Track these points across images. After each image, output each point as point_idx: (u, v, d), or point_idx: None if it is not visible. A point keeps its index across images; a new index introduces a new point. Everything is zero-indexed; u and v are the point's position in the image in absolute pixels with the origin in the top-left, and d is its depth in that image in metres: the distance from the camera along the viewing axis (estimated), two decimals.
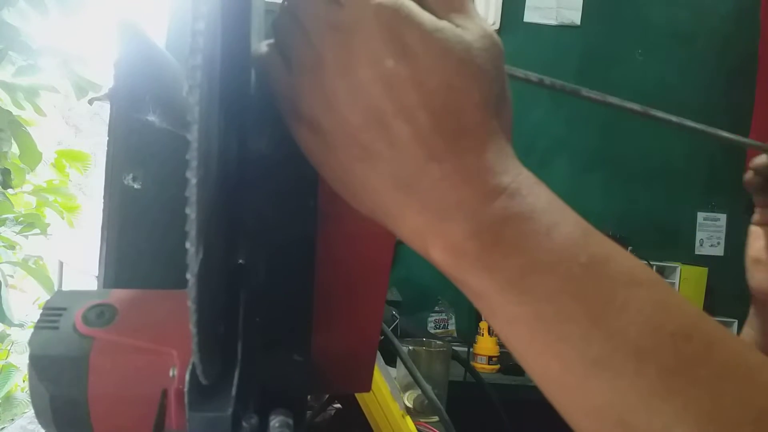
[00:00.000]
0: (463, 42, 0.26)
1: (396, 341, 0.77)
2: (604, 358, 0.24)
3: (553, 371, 0.25)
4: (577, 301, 0.24)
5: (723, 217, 2.13)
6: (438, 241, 0.25)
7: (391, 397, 0.72)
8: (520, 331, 0.25)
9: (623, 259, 0.25)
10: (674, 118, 0.39)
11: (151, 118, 0.34)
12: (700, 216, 2.13)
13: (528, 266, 0.25)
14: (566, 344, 0.24)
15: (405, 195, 0.26)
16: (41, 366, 0.27)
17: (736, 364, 0.24)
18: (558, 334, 0.24)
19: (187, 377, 0.25)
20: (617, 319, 0.24)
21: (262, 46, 0.29)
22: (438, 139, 0.25)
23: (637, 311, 0.24)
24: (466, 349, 1.57)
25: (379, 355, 0.72)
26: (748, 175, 0.63)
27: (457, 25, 0.26)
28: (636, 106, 0.38)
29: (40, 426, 0.28)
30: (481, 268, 0.25)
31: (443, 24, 0.26)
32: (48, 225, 2.02)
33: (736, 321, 1.76)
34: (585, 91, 0.37)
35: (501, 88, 0.27)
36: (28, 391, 0.28)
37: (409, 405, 0.92)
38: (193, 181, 0.20)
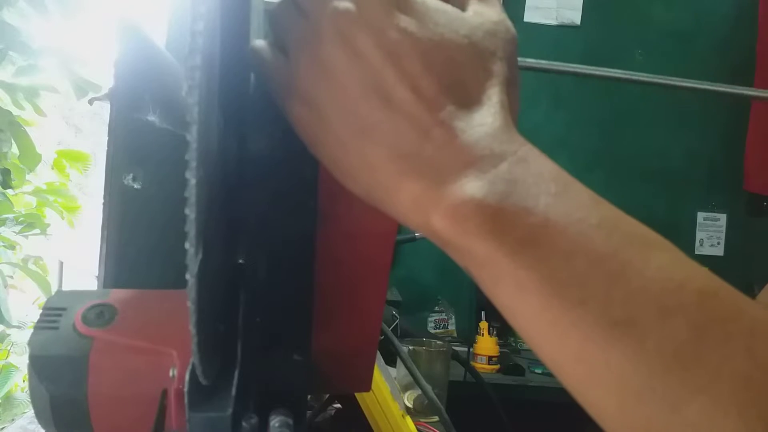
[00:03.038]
0: (466, 24, 0.26)
1: (396, 341, 0.77)
2: (627, 320, 0.22)
3: (570, 341, 0.22)
4: (592, 262, 0.22)
5: (723, 217, 2.13)
6: (440, 206, 0.24)
7: (391, 397, 0.72)
8: (531, 300, 0.23)
9: (634, 223, 0.24)
10: (689, 83, 0.39)
11: (151, 118, 0.34)
12: (700, 216, 2.13)
13: (538, 228, 0.23)
14: (584, 308, 0.22)
15: (405, 164, 0.25)
16: (41, 366, 0.27)
17: (765, 319, 0.22)
18: (574, 298, 0.22)
19: (187, 377, 0.25)
20: (638, 278, 0.22)
21: (256, 41, 0.29)
22: (442, 105, 0.25)
23: (657, 269, 0.22)
24: (466, 349, 1.57)
25: (379, 355, 0.72)
26: None
27: (475, 12, 0.27)
28: (644, 76, 0.38)
29: (40, 426, 0.28)
30: (488, 232, 0.23)
31: (448, 6, 0.26)
32: (48, 225, 2.02)
33: None
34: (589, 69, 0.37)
35: (510, 72, 0.27)
36: (28, 391, 0.28)
37: (409, 405, 0.92)
38: (193, 181, 0.20)
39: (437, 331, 1.97)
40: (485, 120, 0.25)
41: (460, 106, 0.25)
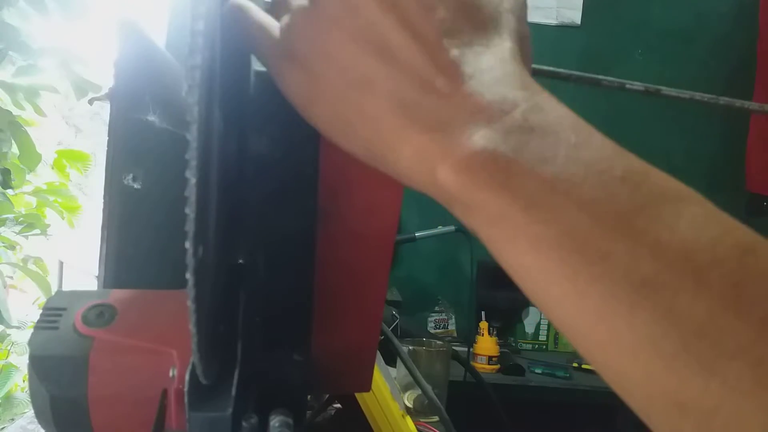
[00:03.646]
0: None
1: (396, 341, 0.77)
2: (656, 277, 0.19)
3: (590, 300, 0.20)
4: (617, 216, 0.20)
5: None
6: (447, 158, 0.22)
7: (391, 397, 0.72)
8: (548, 256, 0.21)
9: (663, 176, 0.22)
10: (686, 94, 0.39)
11: (151, 118, 0.34)
12: None
13: (557, 178, 0.21)
14: (607, 263, 0.20)
15: (407, 115, 0.23)
16: (41, 366, 0.27)
17: None
18: (596, 252, 0.20)
19: (187, 377, 0.25)
20: (668, 233, 0.20)
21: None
22: (446, 50, 0.23)
23: (690, 224, 0.20)
24: (466, 349, 1.57)
25: (379, 355, 0.72)
26: None
27: None
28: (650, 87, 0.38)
29: (40, 426, 0.28)
30: (501, 185, 0.21)
31: None
32: (48, 225, 2.02)
33: None
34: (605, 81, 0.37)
35: (519, 25, 0.26)
36: (28, 391, 0.28)
37: (409, 405, 0.92)
38: (193, 180, 0.20)
39: (437, 331, 1.97)
40: (494, 65, 0.23)
41: (465, 51, 0.23)
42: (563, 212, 0.21)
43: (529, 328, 2.03)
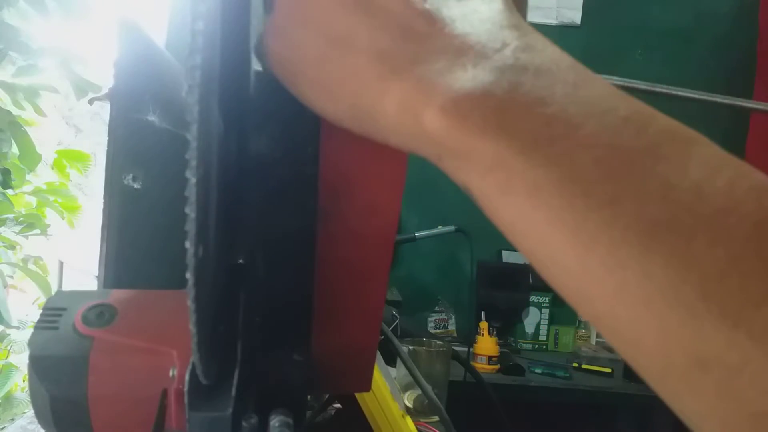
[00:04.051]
0: None
1: (396, 341, 0.77)
2: (670, 220, 0.17)
3: (598, 249, 0.18)
4: (624, 157, 0.18)
5: None
6: (433, 101, 0.20)
7: (391, 397, 0.72)
8: (549, 203, 0.19)
9: (668, 119, 0.20)
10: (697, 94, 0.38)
11: (151, 118, 0.34)
12: None
13: (556, 119, 0.19)
14: (615, 207, 0.18)
15: (388, 63, 0.22)
16: (41, 366, 0.27)
17: None
18: (603, 196, 0.18)
19: (187, 377, 0.25)
20: (679, 174, 0.18)
21: None
22: (416, 4, 0.22)
23: (702, 165, 0.18)
24: (466, 349, 1.57)
25: (379, 355, 0.72)
26: None
27: None
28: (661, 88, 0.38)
29: (40, 426, 0.28)
30: (495, 127, 0.19)
31: None
32: (48, 225, 2.02)
33: None
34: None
35: None
36: (28, 391, 0.28)
37: (409, 405, 0.92)
38: (193, 180, 0.20)
39: (437, 331, 1.97)
40: (479, 6, 0.22)
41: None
42: (564, 155, 0.19)
43: (529, 328, 2.03)
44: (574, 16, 2.08)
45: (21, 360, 2.03)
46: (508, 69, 0.20)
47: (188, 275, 0.20)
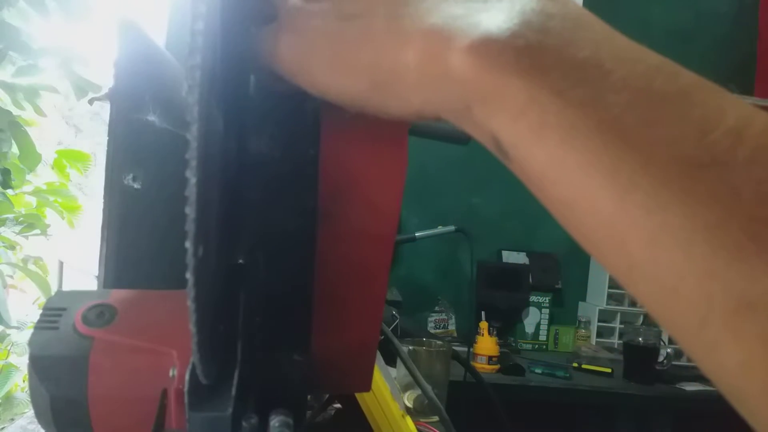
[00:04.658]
0: None
1: (396, 341, 0.77)
2: (712, 161, 0.17)
3: (637, 191, 0.17)
4: (660, 100, 0.18)
5: None
6: (462, 41, 0.20)
7: (391, 397, 0.72)
8: (586, 146, 0.18)
9: (695, 74, 0.20)
10: None
11: (151, 118, 0.34)
12: None
13: (588, 62, 0.19)
14: (655, 148, 0.17)
15: (408, 18, 0.21)
16: (41, 366, 0.27)
17: None
18: (641, 138, 0.18)
19: (187, 377, 0.25)
20: (717, 118, 0.18)
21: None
22: None
23: (736, 111, 0.18)
24: (466, 349, 1.57)
25: (379, 355, 0.72)
26: None
27: None
28: None
29: (40, 426, 0.28)
30: (527, 67, 0.19)
31: None
32: (48, 225, 2.02)
33: None
34: None
35: None
36: (28, 391, 0.28)
37: (409, 405, 0.92)
38: (193, 180, 0.20)
39: (437, 331, 1.97)
40: None
41: None
42: (599, 97, 0.18)
43: (529, 328, 2.03)
44: None
45: (21, 360, 2.03)
46: (535, 13, 0.20)
47: (188, 275, 0.20)
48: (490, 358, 1.69)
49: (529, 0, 0.20)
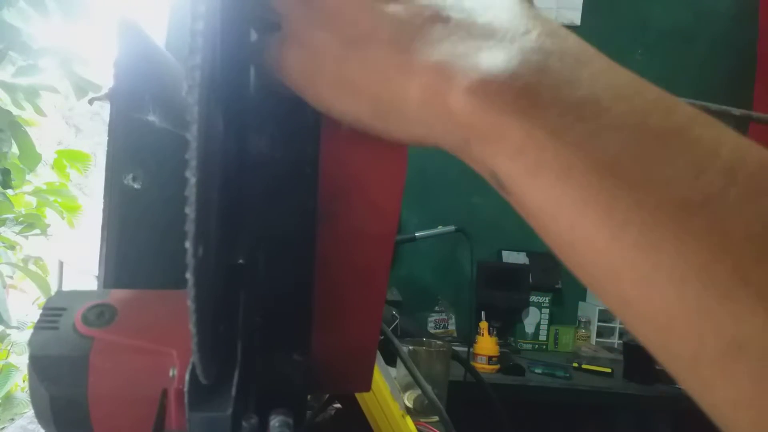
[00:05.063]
0: None
1: (396, 341, 0.77)
2: (703, 200, 0.17)
3: (630, 229, 0.17)
4: (655, 137, 0.18)
5: None
6: (461, 81, 0.20)
7: (391, 397, 0.72)
8: (581, 184, 0.18)
9: (692, 107, 0.20)
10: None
11: (151, 118, 0.34)
12: None
13: (585, 101, 0.19)
14: (648, 187, 0.18)
15: (412, 51, 0.22)
16: (41, 366, 0.27)
17: None
18: (635, 176, 0.18)
19: (187, 377, 0.25)
20: (711, 156, 0.18)
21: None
22: None
23: (732, 147, 0.18)
24: (466, 349, 1.57)
25: (379, 355, 0.72)
26: None
27: None
28: None
29: (40, 426, 0.28)
30: (525, 107, 0.19)
31: None
32: (48, 225, 2.02)
33: None
34: None
35: None
36: (28, 391, 0.28)
37: (409, 405, 0.92)
38: (193, 180, 0.20)
39: (437, 331, 1.97)
40: (495, 2, 0.22)
41: None
42: (595, 136, 0.18)
43: (529, 328, 2.03)
44: (574, 16, 2.08)
45: (21, 360, 2.03)
46: (534, 52, 0.20)
47: (188, 275, 0.20)
48: (490, 358, 1.68)
49: (529, 38, 0.21)
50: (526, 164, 0.19)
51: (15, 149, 1.76)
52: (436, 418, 0.90)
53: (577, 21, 2.08)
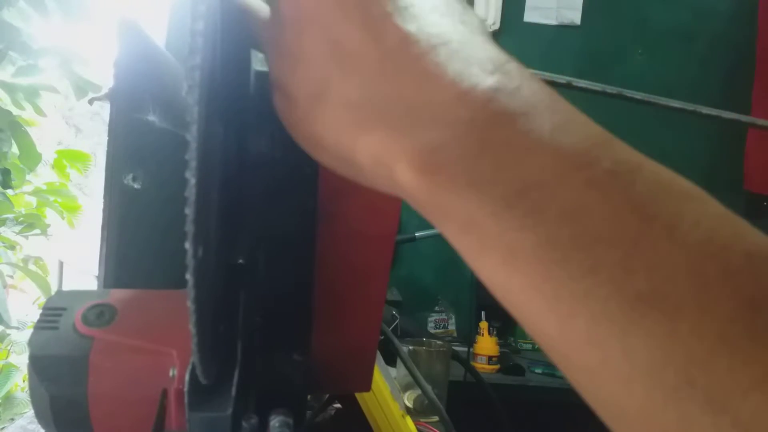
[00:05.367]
0: None
1: (396, 341, 0.77)
2: (654, 292, 0.16)
3: (577, 322, 0.17)
4: (606, 219, 0.17)
5: None
6: (404, 155, 0.19)
7: (391, 397, 0.72)
8: (526, 270, 0.17)
9: (658, 168, 0.18)
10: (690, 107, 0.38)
11: (151, 118, 0.34)
12: None
13: (532, 176, 0.18)
14: (595, 277, 0.16)
15: (358, 114, 0.21)
16: (41, 366, 0.27)
17: None
18: (582, 265, 0.17)
19: (187, 377, 0.25)
20: (668, 239, 0.16)
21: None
22: (390, 32, 0.21)
23: (693, 226, 0.17)
24: (466, 349, 1.57)
25: (379, 355, 0.72)
26: None
27: None
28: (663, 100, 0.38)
29: (40, 426, 0.28)
30: (466, 185, 0.18)
31: None
32: (48, 225, 2.02)
33: None
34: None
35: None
36: (28, 391, 0.28)
37: (409, 405, 0.92)
38: (193, 180, 0.20)
39: (437, 331, 1.97)
40: (446, 43, 0.20)
41: (405, 39, 0.20)
42: (541, 217, 0.17)
43: None
44: (574, 16, 2.08)
45: (21, 360, 2.03)
46: (480, 120, 0.19)
47: (188, 275, 0.20)
48: (490, 358, 1.68)
49: (474, 104, 0.19)
50: (471, 243, 0.19)
51: (15, 149, 1.76)
52: (436, 418, 0.90)
53: (578, 21, 2.08)
